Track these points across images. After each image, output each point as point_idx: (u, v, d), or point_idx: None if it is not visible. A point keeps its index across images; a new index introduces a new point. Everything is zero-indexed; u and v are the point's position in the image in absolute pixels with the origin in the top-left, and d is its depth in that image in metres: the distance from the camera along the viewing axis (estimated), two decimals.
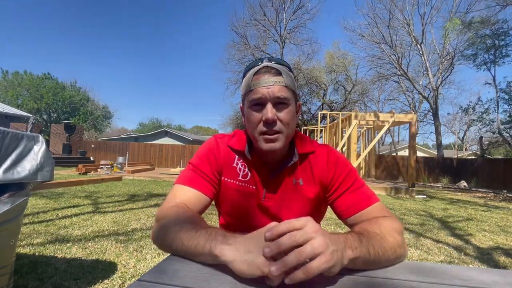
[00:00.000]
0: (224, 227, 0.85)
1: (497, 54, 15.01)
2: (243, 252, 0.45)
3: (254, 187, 0.77)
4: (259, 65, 0.72)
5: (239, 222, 0.80)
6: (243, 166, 0.79)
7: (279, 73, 0.70)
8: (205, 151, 0.80)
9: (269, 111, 0.67)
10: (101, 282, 1.84)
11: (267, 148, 0.70)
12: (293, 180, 0.77)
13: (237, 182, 0.78)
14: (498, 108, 15.54)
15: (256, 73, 0.70)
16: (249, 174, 0.78)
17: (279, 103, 0.69)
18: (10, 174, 1.18)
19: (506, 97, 15.38)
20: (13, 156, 1.21)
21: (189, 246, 0.51)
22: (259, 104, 0.69)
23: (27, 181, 1.25)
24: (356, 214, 0.71)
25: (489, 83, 16.16)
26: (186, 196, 0.71)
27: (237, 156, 0.80)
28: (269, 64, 0.71)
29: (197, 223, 0.57)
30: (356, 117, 8.89)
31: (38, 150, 1.32)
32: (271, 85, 0.68)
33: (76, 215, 3.68)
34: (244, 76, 0.75)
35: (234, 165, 0.79)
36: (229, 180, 0.79)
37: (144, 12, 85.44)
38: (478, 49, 15.30)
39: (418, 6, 17.95)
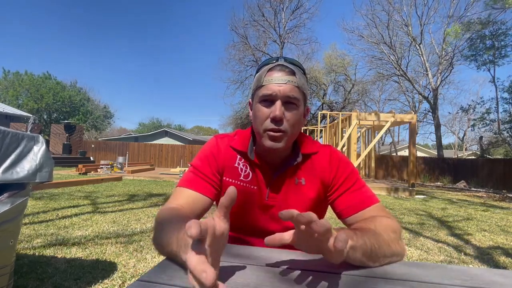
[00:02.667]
0: None
1: (496, 55, 15.04)
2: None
3: (255, 187, 0.77)
4: (274, 62, 0.72)
5: (241, 222, 0.80)
6: (244, 166, 0.78)
7: (292, 73, 0.70)
8: (205, 152, 0.80)
9: (278, 108, 0.67)
10: (101, 282, 1.84)
11: (269, 146, 0.70)
12: (295, 180, 0.77)
13: (239, 182, 0.78)
14: (498, 107, 15.57)
15: (270, 69, 0.71)
16: (251, 174, 0.78)
17: (288, 103, 0.69)
18: (9, 174, 1.18)
19: (508, 96, 15.39)
20: (12, 157, 1.21)
21: (168, 251, 0.51)
22: (269, 101, 0.69)
23: (26, 182, 1.24)
24: (355, 214, 0.71)
25: (497, 80, 16.26)
26: (185, 198, 0.71)
27: (239, 156, 0.79)
28: (284, 63, 0.71)
29: (176, 227, 0.53)
30: (356, 117, 8.89)
31: (38, 150, 1.32)
32: (283, 84, 0.68)
33: (76, 215, 3.68)
34: (257, 72, 0.75)
35: (236, 165, 0.79)
36: (230, 180, 0.78)
37: (144, 12, 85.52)
38: (478, 49, 15.34)
39: (416, 7, 17.98)
